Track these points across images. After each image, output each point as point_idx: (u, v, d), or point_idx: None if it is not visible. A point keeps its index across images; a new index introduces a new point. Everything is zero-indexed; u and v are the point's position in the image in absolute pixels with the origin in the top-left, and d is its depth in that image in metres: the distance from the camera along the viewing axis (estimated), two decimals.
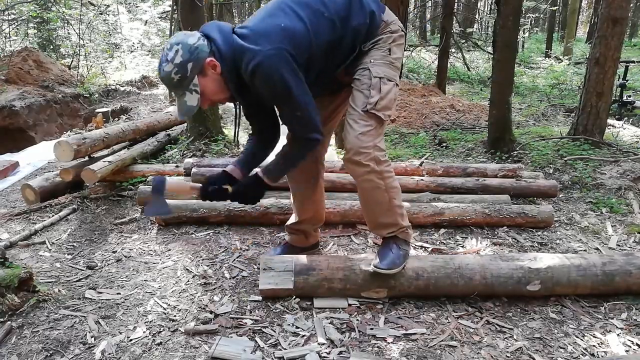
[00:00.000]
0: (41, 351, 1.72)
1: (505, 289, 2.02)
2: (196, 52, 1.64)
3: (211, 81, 1.70)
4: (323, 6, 1.77)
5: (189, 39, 1.65)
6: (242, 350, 1.70)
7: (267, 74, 1.65)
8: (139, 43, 11.06)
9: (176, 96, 1.72)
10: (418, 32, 18.09)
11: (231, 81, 1.72)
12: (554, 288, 2.04)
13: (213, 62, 1.66)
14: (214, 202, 2.82)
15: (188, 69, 1.64)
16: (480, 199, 3.05)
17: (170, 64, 1.63)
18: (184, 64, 1.63)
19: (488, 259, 2.10)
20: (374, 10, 1.85)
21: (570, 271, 2.03)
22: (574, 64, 11.19)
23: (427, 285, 2.01)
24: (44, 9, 9.93)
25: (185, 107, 1.69)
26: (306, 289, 2.02)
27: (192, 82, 1.66)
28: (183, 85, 1.66)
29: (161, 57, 1.67)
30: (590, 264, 2.06)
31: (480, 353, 1.74)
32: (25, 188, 3.21)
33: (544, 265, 2.03)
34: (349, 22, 1.80)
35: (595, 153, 3.97)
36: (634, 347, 1.80)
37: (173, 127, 4.86)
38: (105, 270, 2.34)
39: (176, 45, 1.64)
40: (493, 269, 2.03)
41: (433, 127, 5.53)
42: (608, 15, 3.98)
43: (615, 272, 2.05)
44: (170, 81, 1.66)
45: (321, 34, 1.75)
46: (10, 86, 7.60)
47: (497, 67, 4.23)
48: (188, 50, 1.63)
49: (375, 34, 1.86)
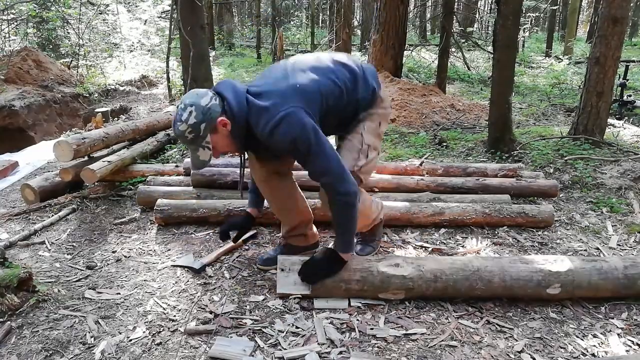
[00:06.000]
0: (41, 351, 1.72)
1: (525, 292, 2.00)
2: (209, 113, 1.74)
3: (222, 137, 1.81)
4: (333, 74, 1.92)
5: (201, 100, 1.75)
6: (242, 350, 1.70)
7: (287, 132, 1.73)
8: (138, 43, 11.04)
9: (190, 150, 1.84)
10: (418, 32, 18.10)
11: (238, 137, 1.84)
12: (574, 291, 2.01)
13: (224, 121, 1.77)
14: (214, 202, 2.83)
15: (201, 129, 1.75)
16: (480, 199, 3.04)
17: (184, 124, 1.74)
18: (197, 125, 1.74)
19: (507, 261, 2.08)
20: (375, 87, 2.05)
21: (592, 274, 2.00)
22: (574, 64, 11.18)
23: (446, 288, 2.00)
24: (43, 9, 9.92)
25: (198, 162, 1.83)
26: (323, 290, 2.02)
27: (204, 139, 1.78)
28: (196, 142, 1.78)
29: (175, 115, 1.78)
30: (611, 267, 2.03)
31: (480, 353, 1.74)
32: (25, 188, 3.20)
33: (564, 268, 2.01)
34: (355, 94, 1.98)
35: (595, 153, 3.97)
36: (634, 347, 1.80)
37: None
38: (105, 270, 2.34)
39: (190, 106, 1.74)
40: (512, 271, 2.00)
41: (433, 126, 5.53)
42: (608, 15, 3.97)
43: (638, 275, 2.02)
44: (184, 139, 1.78)
45: (330, 99, 1.88)
46: (10, 86, 7.60)
47: (497, 67, 4.22)
48: (201, 112, 1.73)
49: (372, 106, 2.07)
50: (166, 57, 7.81)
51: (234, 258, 2.43)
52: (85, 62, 9.76)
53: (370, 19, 8.92)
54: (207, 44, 4.61)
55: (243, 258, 2.44)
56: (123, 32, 10.77)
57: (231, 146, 1.87)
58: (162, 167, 3.59)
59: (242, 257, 2.44)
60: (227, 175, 3.09)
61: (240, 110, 1.78)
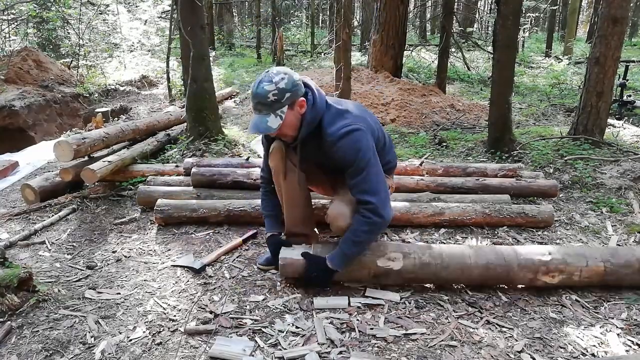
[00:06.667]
0: (41, 351, 1.72)
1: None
2: (297, 87, 1.88)
3: (294, 116, 1.91)
4: (377, 125, 2.16)
5: (294, 74, 1.89)
6: (242, 350, 1.70)
7: (356, 142, 1.89)
8: (138, 43, 11.04)
9: (257, 113, 1.88)
10: (418, 32, 18.10)
11: (306, 125, 1.93)
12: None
13: (304, 102, 1.90)
14: (214, 202, 2.83)
15: (285, 96, 1.84)
16: (480, 199, 3.04)
17: (272, 85, 1.82)
18: (284, 91, 1.84)
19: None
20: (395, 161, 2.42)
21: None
22: (574, 64, 11.18)
23: (441, 254, 2.07)
24: (43, 9, 9.92)
25: (264, 126, 1.86)
26: (323, 247, 2.09)
27: (281, 108, 1.86)
28: (273, 107, 1.84)
29: (262, 76, 1.86)
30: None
31: (480, 353, 1.74)
32: (25, 188, 3.20)
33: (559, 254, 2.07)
34: (386, 155, 2.23)
35: (595, 153, 3.97)
36: (634, 347, 1.80)
37: (173, 127, 4.87)
38: (105, 270, 2.34)
39: (283, 74, 1.86)
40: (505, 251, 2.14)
41: (433, 126, 5.53)
42: (608, 15, 3.97)
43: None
44: (263, 98, 1.83)
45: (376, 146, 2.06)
46: (10, 86, 7.60)
47: (497, 67, 4.22)
48: (292, 82, 1.86)
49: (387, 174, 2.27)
50: (166, 57, 7.82)
51: (234, 258, 2.43)
52: (86, 62, 9.77)
53: (370, 19, 8.92)
54: (207, 44, 4.61)
55: (243, 258, 2.44)
56: (123, 32, 10.78)
57: (294, 130, 1.95)
58: (162, 167, 3.59)
59: (242, 257, 2.45)
60: (227, 175, 3.09)
61: (320, 104, 1.92)
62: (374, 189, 1.92)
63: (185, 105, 4.45)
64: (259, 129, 1.87)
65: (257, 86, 1.85)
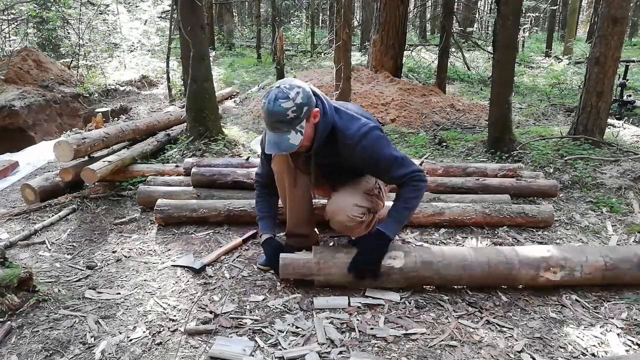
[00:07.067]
0: (41, 351, 1.72)
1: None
2: (311, 99, 1.85)
3: (309, 128, 1.88)
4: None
5: (306, 85, 1.85)
6: (242, 350, 1.70)
7: (377, 141, 1.93)
8: (138, 43, 11.03)
9: (275, 131, 1.83)
10: (418, 32, 18.10)
11: (320, 134, 1.91)
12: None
13: (317, 112, 1.87)
14: (214, 202, 2.83)
15: (303, 111, 1.80)
16: (480, 199, 3.04)
17: (290, 102, 1.77)
18: (302, 106, 1.79)
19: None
20: None
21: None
22: (574, 64, 11.17)
23: (442, 251, 2.10)
24: (43, 9, 9.91)
25: (287, 144, 1.83)
26: (326, 253, 2.08)
27: (301, 123, 1.82)
28: (293, 123, 1.80)
29: (276, 93, 1.78)
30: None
31: (480, 353, 1.74)
32: (25, 188, 3.20)
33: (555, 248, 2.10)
34: None
35: (595, 153, 3.97)
36: (634, 347, 1.80)
37: (173, 127, 4.86)
38: (105, 270, 2.34)
39: (297, 87, 1.80)
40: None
41: (433, 126, 5.53)
42: (608, 15, 3.97)
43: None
44: (283, 116, 1.77)
45: None
46: (10, 86, 7.60)
47: (497, 67, 4.22)
48: (307, 95, 1.82)
49: None
50: (166, 57, 7.81)
51: (234, 258, 2.43)
52: (86, 62, 9.76)
53: (370, 19, 8.92)
54: (207, 44, 4.61)
55: (243, 258, 2.44)
56: (123, 32, 10.77)
57: (310, 141, 1.93)
58: (162, 167, 3.59)
59: (242, 257, 2.45)
60: (227, 175, 3.09)
61: (330, 111, 1.92)
62: (406, 164, 1.99)
63: (185, 105, 4.45)
64: (281, 148, 1.83)
65: (272, 104, 1.76)
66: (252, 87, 8.48)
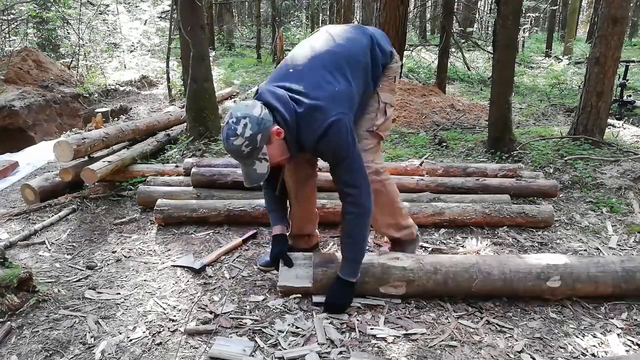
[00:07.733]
0: (41, 351, 1.72)
1: (525, 285, 2.01)
2: (263, 123, 1.71)
3: (275, 147, 1.79)
4: (359, 65, 1.95)
5: (253, 110, 1.72)
6: (242, 350, 1.70)
7: (333, 138, 1.78)
8: (138, 43, 11.04)
9: (243, 165, 1.80)
10: (418, 32, 18.10)
11: (293, 142, 1.82)
12: (575, 285, 2.02)
13: (278, 130, 1.75)
14: (214, 202, 2.83)
15: (257, 141, 1.71)
16: (480, 199, 3.04)
17: (240, 138, 1.69)
18: (254, 136, 1.70)
19: (506, 256, 2.14)
20: (391, 50, 2.11)
21: (589, 267, 2.03)
22: (574, 64, 11.17)
23: (446, 280, 2.01)
24: (43, 9, 9.91)
25: (255, 175, 1.79)
26: (325, 281, 2.02)
27: (261, 151, 1.75)
28: (253, 155, 1.74)
29: (227, 130, 1.72)
30: (608, 262, 2.07)
31: (480, 353, 1.74)
32: (25, 188, 3.20)
33: (562, 261, 2.05)
34: (376, 69, 2.04)
35: (595, 153, 3.97)
36: (634, 347, 1.80)
37: (173, 127, 4.87)
38: (105, 270, 2.34)
39: (243, 119, 1.70)
40: (511, 264, 2.04)
41: (433, 126, 5.53)
42: (608, 15, 3.97)
43: (635, 268, 2.04)
44: (240, 153, 1.73)
45: (362, 90, 1.97)
46: (10, 86, 7.60)
47: (497, 67, 4.22)
48: (256, 122, 1.70)
49: (386, 66, 2.10)
50: (166, 57, 7.82)
51: (234, 258, 2.43)
52: (85, 62, 9.76)
53: (370, 19, 8.91)
54: (207, 44, 4.61)
55: (243, 258, 2.44)
56: (123, 32, 10.77)
57: (285, 153, 1.85)
58: (162, 167, 3.59)
59: (242, 257, 2.45)
60: (227, 175, 3.09)
61: (291, 116, 1.78)
62: (354, 182, 1.86)
63: (185, 105, 4.45)
64: (252, 180, 1.80)
65: (226, 143, 1.73)
66: (252, 87, 8.48)
